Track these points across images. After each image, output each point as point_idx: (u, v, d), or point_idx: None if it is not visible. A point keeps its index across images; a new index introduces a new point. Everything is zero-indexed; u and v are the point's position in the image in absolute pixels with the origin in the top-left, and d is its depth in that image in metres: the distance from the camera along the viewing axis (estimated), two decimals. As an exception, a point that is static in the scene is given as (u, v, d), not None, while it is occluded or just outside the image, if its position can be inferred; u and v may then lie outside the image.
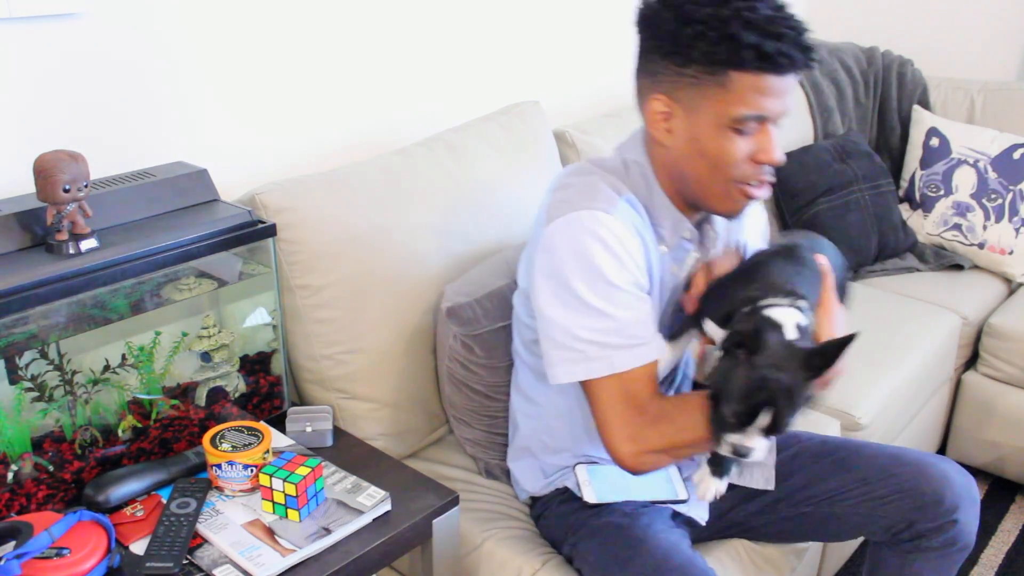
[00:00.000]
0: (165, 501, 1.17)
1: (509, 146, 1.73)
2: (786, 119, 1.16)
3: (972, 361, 2.32)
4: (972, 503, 1.33)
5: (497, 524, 1.41)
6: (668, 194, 1.23)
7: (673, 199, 1.23)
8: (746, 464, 1.33)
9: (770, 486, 1.37)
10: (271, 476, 1.14)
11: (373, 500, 1.18)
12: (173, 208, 1.28)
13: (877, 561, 1.41)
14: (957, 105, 2.68)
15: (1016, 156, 2.42)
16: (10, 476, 1.13)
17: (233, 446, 1.19)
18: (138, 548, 1.10)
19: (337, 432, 1.37)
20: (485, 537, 1.38)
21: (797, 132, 2.55)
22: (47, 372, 1.15)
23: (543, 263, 1.19)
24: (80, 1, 1.28)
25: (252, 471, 1.19)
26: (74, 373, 1.18)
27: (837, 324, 1.17)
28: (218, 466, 1.19)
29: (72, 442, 1.19)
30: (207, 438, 1.20)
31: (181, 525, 1.12)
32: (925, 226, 2.53)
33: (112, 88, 1.36)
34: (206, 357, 1.33)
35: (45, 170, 1.09)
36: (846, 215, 2.39)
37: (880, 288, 2.35)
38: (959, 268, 2.45)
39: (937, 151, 2.55)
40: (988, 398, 2.24)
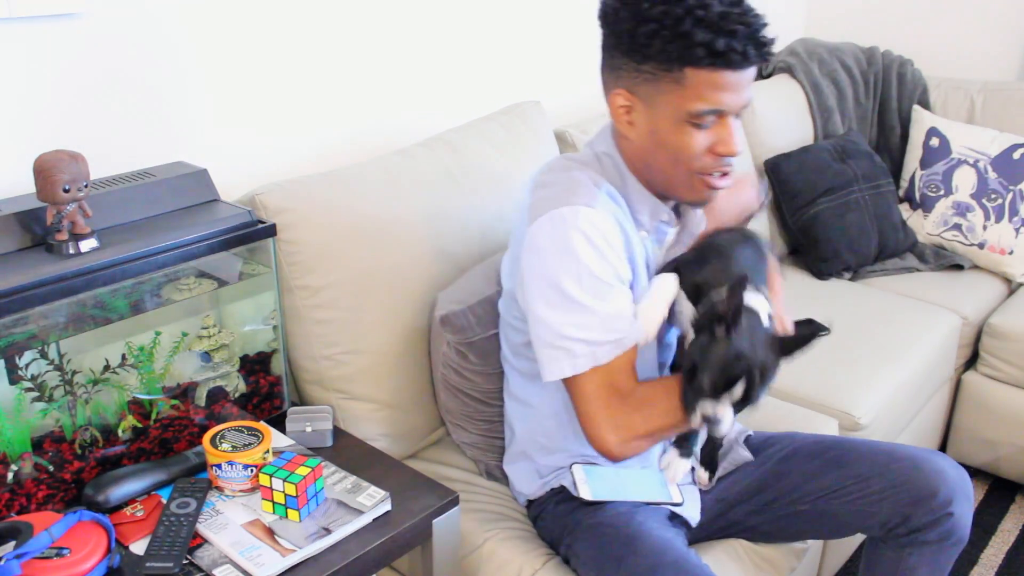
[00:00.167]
0: (165, 501, 1.17)
1: (510, 146, 1.73)
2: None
3: (972, 361, 2.32)
4: (966, 497, 1.33)
5: (497, 525, 1.41)
6: (642, 182, 1.26)
7: (647, 187, 1.26)
8: (720, 455, 1.42)
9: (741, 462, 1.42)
10: (271, 476, 1.14)
11: (373, 500, 1.18)
12: (173, 208, 1.28)
13: (874, 557, 1.41)
14: (957, 105, 2.68)
15: (1016, 156, 2.42)
16: (10, 476, 1.13)
17: (233, 446, 1.19)
18: (138, 548, 1.10)
19: (337, 432, 1.37)
20: (486, 537, 1.37)
21: (797, 132, 2.55)
22: (47, 372, 1.15)
23: (530, 263, 1.20)
24: (80, 1, 1.28)
25: (252, 471, 1.19)
26: (74, 373, 1.18)
27: (786, 314, 1.25)
28: (218, 466, 1.19)
29: (72, 442, 1.19)
30: (207, 438, 1.20)
31: (181, 525, 1.11)
32: (925, 226, 2.53)
33: (112, 88, 1.36)
34: (206, 357, 1.33)
35: (45, 170, 1.09)
36: (846, 215, 2.39)
37: (880, 288, 2.35)
38: (959, 268, 2.45)
39: (937, 151, 2.55)
40: (988, 398, 2.24)
